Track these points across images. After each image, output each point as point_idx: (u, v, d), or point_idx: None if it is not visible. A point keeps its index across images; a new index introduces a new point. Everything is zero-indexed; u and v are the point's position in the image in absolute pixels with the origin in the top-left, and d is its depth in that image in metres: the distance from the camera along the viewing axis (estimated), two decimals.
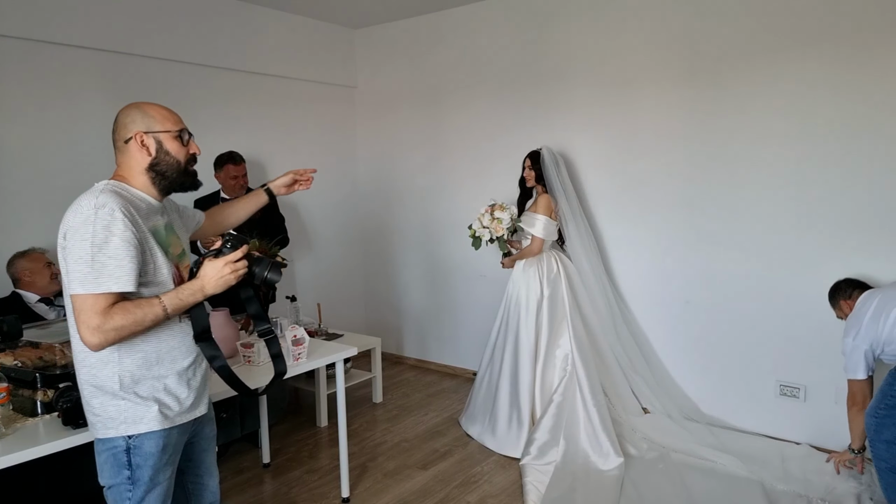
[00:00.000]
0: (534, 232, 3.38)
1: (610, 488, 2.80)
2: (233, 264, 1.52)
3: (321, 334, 3.77)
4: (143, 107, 1.56)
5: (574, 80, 3.76)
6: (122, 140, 1.54)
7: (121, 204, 1.42)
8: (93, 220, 1.38)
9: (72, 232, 1.40)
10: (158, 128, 1.55)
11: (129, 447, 1.51)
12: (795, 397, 3.16)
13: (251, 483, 3.00)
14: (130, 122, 1.54)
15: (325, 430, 3.63)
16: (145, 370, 1.51)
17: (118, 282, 1.40)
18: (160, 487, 1.57)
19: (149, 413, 1.51)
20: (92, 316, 1.38)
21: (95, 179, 1.54)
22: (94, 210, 1.39)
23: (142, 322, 1.43)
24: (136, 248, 1.42)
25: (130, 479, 1.52)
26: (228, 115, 4.00)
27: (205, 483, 1.76)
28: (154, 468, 1.53)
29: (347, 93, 4.90)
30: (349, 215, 5.00)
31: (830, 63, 2.93)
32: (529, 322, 3.35)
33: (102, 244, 1.38)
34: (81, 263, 1.38)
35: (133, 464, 1.51)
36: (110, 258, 1.39)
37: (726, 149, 3.27)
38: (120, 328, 1.40)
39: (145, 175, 1.55)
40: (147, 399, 1.51)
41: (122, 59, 3.50)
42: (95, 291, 1.38)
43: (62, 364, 1.97)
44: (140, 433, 1.50)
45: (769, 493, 2.73)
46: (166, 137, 1.56)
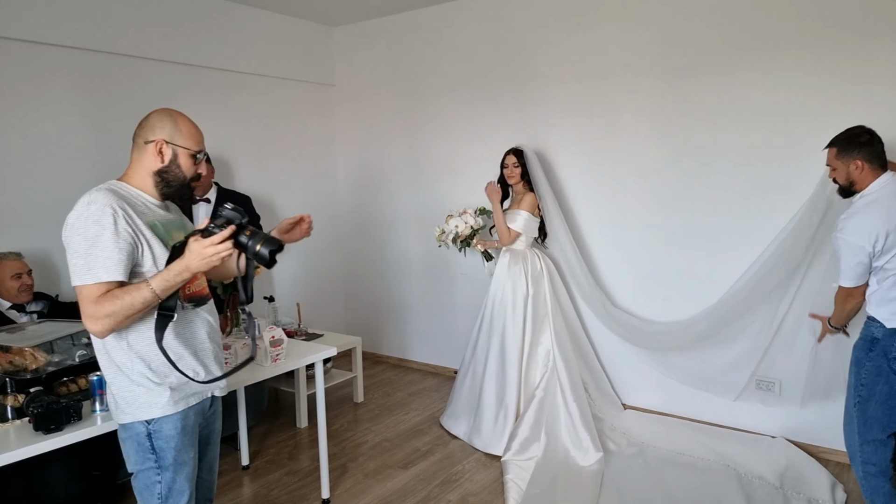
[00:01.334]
0: (513, 226, 3.40)
1: (590, 484, 2.83)
2: (216, 245, 1.47)
3: (301, 334, 3.74)
4: (175, 117, 1.64)
5: (550, 77, 3.78)
6: (143, 139, 1.61)
7: (112, 199, 1.50)
8: (85, 216, 1.47)
9: (68, 228, 1.50)
10: (180, 142, 1.62)
11: (150, 432, 1.59)
12: (771, 391, 3.22)
13: (230, 486, 2.97)
14: (159, 128, 1.61)
15: (305, 430, 3.60)
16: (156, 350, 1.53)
17: (108, 271, 1.47)
18: (187, 467, 1.65)
19: (162, 397, 1.58)
20: (87, 305, 1.47)
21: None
22: (86, 206, 1.48)
23: (132, 306, 1.47)
24: (126, 242, 1.49)
25: (157, 464, 1.60)
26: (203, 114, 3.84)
27: (203, 477, 1.80)
28: (177, 449, 1.61)
29: (325, 91, 4.87)
30: (328, 214, 4.96)
31: (806, 61, 2.98)
32: (517, 320, 3.36)
33: (94, 238, 1.46)
34: (77, 257, 1.47)
35: (156, 448, 1.60)
36: (101, 250, 1.46)
37: (702, 147, 3.30)
38: (112, 314, 1.46)
39: (151, 177, 1.62)
40: (161, 382, 1.58)
41: (95, 56, 3.42)
42: (88, 282, 1.46)
43: (33, 368, 1.93)
44: (156, 417, 1.58)
45: (745, 487, 2.77)
46: (183, 153, 1.63)
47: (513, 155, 3.48)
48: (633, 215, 3.58)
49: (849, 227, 2.26)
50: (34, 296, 2.92)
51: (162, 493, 1.61)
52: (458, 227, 3.58)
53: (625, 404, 3.67)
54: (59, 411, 1.75)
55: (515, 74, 3.92)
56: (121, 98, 3.53)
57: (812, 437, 3.12)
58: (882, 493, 2.38)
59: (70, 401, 1.77)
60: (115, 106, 3.50)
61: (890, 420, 2.35)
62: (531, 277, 3.41)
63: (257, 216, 3.80)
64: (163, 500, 1.61)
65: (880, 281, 2.30)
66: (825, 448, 3.08)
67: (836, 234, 2.30)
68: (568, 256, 3.55)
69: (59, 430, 1.75)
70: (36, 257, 3.04)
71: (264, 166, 4.40)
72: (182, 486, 1.63)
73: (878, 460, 2.37)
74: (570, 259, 3.55)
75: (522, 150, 3.49)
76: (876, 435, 2.36)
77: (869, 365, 2.36)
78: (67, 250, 1.50)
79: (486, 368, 3.41)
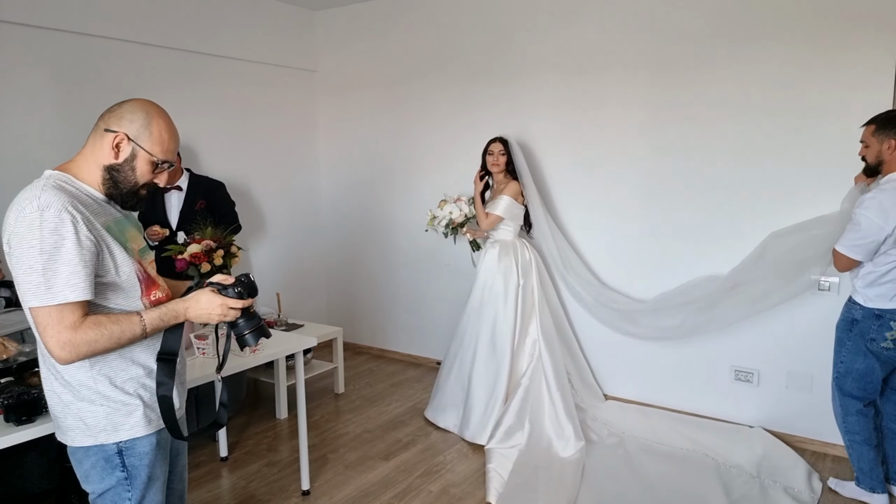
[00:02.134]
0: (496, 211, 3.39)
1: (571, 474, 2.84)
2: (227, 309, 1.45)
3: (281, 324, 3.70)
4: (151, 115, 1.43)
5: (536, 66, 3.76)
6: (105, 126, 1.41)
7: (67, 202, 1.30)
8: (39, 225, 1.25)
9: (17, 239, 1.27)
10: (145, 144, 1.41)
11: (121, 450, 1.43)
12: (749, 382, 3.26)
13: (208, 477, 2.92)
14: (127, 121, 1.40)
15: (285, 422, 3.56)
16: (123, 364, 1.43)
17: (74, 290, 1.28)
18: (158, 482, 1.51)
19: (134, 415, 1.43)
20: (61, 331, 1.28)
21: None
22: (39, 213, 1.26)
23: (118, 339, 1.34)
24: (90, 252, 1.31)
25: (127, 480, 1.45)
26: (179, 98, 3.84)
27: (173, 487, 1.67)
28: (150, 466, 1.47)
29: (307, 76, 4.79)
30: (309, 202, 4.90)
31: (794, 51, 3.00)
32: (508, 310, 3.35)
33: (52, 250, 1.26)
34: (32, 273, 1.26)
35: (128, 465, 1.44)
36: (63, 265, 1.27)
37: (686, 137, 3.32)
38: (93, 342, 1.30)
39: (99, 171, 1.41)
40: (130, 397, 1.43)
41: (67, 38, 3.31)
42: (52, 303, 1.27)
43: (3, 358, 1.87)
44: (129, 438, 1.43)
45: (723, 475, 2.81)
46: (143, 156, 1.42)
47: (499, 142, 3.46)
48: (616, 206, 3.59)
49: (874, 205, 2.33)
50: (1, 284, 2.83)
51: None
52: (453, 213, 3.54)
53: (606, 395, 3.69)
54: (30, 402, 1.69)
55: (502, 62, 3.89)
56: (94, 81, 3.43)
57: (789, 426, 3.17)
58: (868, 459, 2.58)
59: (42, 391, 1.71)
60: (87, 89, 3.40)
61: (865, 393, 2.54)
62: (521, 268, 3.40)
63: (232, 203, 3.73)
64: None
65: (877, 265, 2.40)
66: (802, 437, 3.14)
67: (860, 209, 2.36)
68: (550, 246, 3.55)
69: (31, 421, 1.70)
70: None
71: (241, 153, 4.32)
72: (152, 499, 1.50)
73: (861, 429, 2.57)
74: (552, 249, 3.55)
75: (507, 140, 3.47)
76: (855, 406, 2.57)
77: (849, 344, 2.53)
78: (16, 264, 1.28)
79: (474, 359, 3.39)
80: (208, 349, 2.36)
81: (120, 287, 1.41)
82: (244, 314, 1.51)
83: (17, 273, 1.29)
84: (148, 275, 1.49)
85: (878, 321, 2.42)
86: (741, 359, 3.28)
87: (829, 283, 2.98)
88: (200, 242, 2.95)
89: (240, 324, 1.52)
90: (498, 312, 3.36)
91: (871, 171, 2.48)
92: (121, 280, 1.40)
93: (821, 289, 3.00)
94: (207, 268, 2.89)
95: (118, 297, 1.41)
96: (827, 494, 2.69)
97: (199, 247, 2.93)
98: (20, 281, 1.29)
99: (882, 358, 2.46)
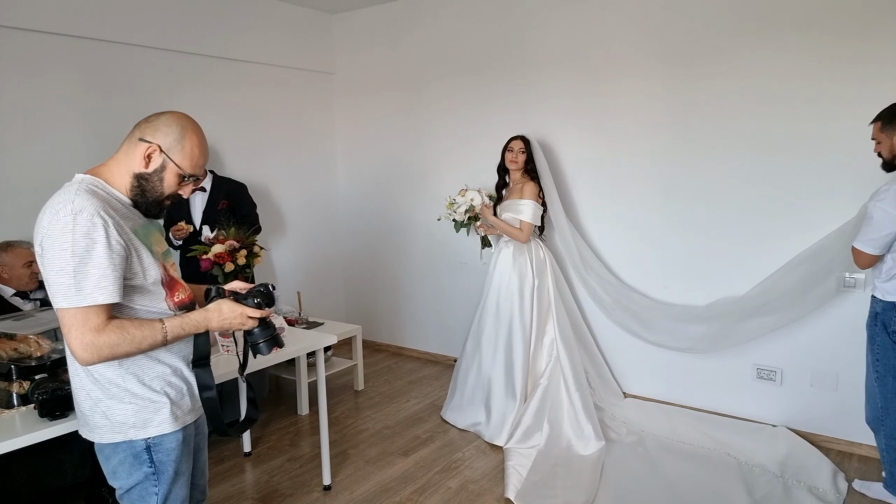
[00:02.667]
0: (523, 217, 3.36)
1: (590, 472, 2.84)
2: (245, 318, 1.51)
3: (301, 322, 3.75)
4: (186, 130, 1.47)
5: (552, 65, 3.75)
6: (140, 135, 1.46)
7: (99, 206, 1.34)
8: (71, 228, 1.29)
9: (49, 241, 1.31)
10: (176, 157, 1.46)
11: (149, 446, 1.47)
12: (772, 380, 3.23)
13: (232, 472, 2.98)
14: (162, 133, 1.45)
15: (306, 418, 3.61)
16: (149, 363, 1.47)
17: (104, 293, 1.32)
18: (184, 476, 1.55)
19: (162, 412, 1.47)
20: (85, 332, 1.32)
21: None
22: (73, 216, 1.30)
23: (139, 344, 1.38)
24: (119, 256, 1.35)
25: (155, 475, 1.49)
26: (200, 101, 3.91)
27: (195, 482, 1.71)
28: (177, 461, 1.51)
29: (325, 79, 4.83)
30: (328, 202, 4.95)
31: (810, 48, 2.96)
32: (525, 311, 3.35)
33: (84, 254, 1.30)
34: (63, 275, 1.30)
35: (156, 461, 1.48)
36: (94, 268, 1.31)
37: (703, 135, 3.29)
38: (115, 346, 1.34)
39: (129, 178, 1.46)
40: (158, 395, 1.47)
41: (92, 45, 3.39)
42: (81, 304, 1.31)
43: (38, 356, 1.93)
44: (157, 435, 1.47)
45: (746, 475, 2.79)
46: (172, 169, 1.46)
47: (520, 140, 3.44)
48: (633, 203, 3.57)
49: (889, 196, 2.29)
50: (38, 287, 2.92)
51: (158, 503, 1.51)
52: (475, 200, 3.41)
53: (625, 393, 3.68)
54: (63, 398, 1.75)
55: (518, 61, 3.90)
56: (118, 86, 3.51)
57: (813, 425, 3.13)
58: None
59: None
60: (112, 94, 3.48)
61: None
62: (536, 268, 3.40)
63: (253, 204, 3.79)
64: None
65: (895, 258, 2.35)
66: (827, 437, 3.10)
67: (875, 202, 2.33)
68: (570, 247, 3.55)
69: (64, 416, 1.75)
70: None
71: (262, 155, 4.39)
72: (177, 494, 1.54)
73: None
74: (572, 249, 3.54)
75: (528, 139, 3.46)
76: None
77: (878, 341, 2.47)
78: (48, 265, 1.31)
79: (494, 360, 3.38)
80: (232, 347, 2.41)
81: (146, 290, 1.46)
82: (260, 323, 1.56)
83: (48, 274, 1.33)
84: (171, 277, 1.54)
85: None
86: (764, 357, 3.24)
87: (856, 280, 2.94)
88: (224, 242, 3.01)
89: (255, 332, 1.57)
90: (514, 313, 3.35)
91: (889, 165, 2.43)
92: (147, 283, 1.45)
93: (846, 286, 2.96)
94: (231, 267, 2.94)
95: (144, 299, 1.46)
96: (853, 495, 2.66)
97: (223, 247, 2.98)
98: (51, 282, 1.33)
99: None
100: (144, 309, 1.46)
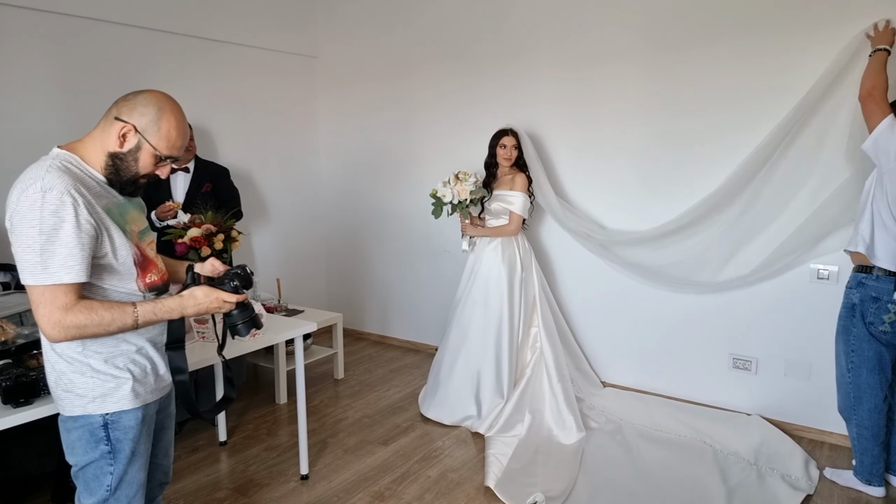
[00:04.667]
0: (513, 209, 3.32)
1: (570, 460, 2.85)
2: (222, 302, 1.51)
3: (281, 310, 3.69)
4: (164, 111, 1.44)
5: (538, 54, 3.73)
6: (117, 114, 1.43)
7: (70, 184, 1.32)
8: (40, 206, 1.28)
9: (18, 217, 1.30)
10: (151, 139, 1.43)
11: (107, 422, 1.46)
12: (748, 370, 3.27)
13: (207, 461, 2.94)
14: (139, 113, 1.42)
15: (285, 406, 3.58)
16: (114, 340, 1.46)
17: (69, 272, 1.31)
18: (141, 458, 1.54)
19: (123, 388, 1.46)
20: (53, 311, 1.31)
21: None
22: (42, 194, 1.28)
23: (107, 326, 1.37)
24: (88, 235, 1.33)
25: (111, 454, 1.47)
26: (177, 83, 3.81)
27: (158, 462, 1.70)
28: (135, 441, 1.50)
29: (308, 62, 4.75)
30: (310, 188, 4.88)
31: (794, 40, 2.97)
32: (515, 303, 3.32)
33: (51, 231, 1.29)
34: (30, 252, 1.29)
35: (112, 439, 1.47)
36: (61, 246, 1.30)
37: (687, 126, 3.29)
38: (82, 326, 1.34)
39: (104, 156, 1.43)
40: (121, 371, 1.46)
41: (69, 21, 3.29)
42: (46, 282, 1.30)
43: (2, 341, 1.87)
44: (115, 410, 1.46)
45: (720, 462, 2.82)
46: (147, 149, 1.44)
47: (511, 136, 3.38)
48: (615, 193, 3.57)
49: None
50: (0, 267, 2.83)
51: (112, 484, 1.48)
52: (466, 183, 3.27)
53: (604, 382, 3.70)
54: (28, 384, 1.69)
55: (505, 48, 3.86)
56: (95, 64, 3.41)
57: (786, 414, 3.18)
58: (872, 454, 2.56)
59: (40, 374, 1.71)
60: (89, 72, 3.38)
61: (882, 385, 2.50)
62: (523, 259, 3.39)
63: (235, 190, 3.73)
64: (111, 492, 1.49)
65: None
66: (799, 425, 3.14)
67: None
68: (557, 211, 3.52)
69: (29, 403, 1.70)
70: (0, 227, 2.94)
71: (243, 139, 4.31)
72: (133, 477, 1.51)
73: (872, 424, 2.53)
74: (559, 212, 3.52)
75: (518, 132, 3.42)
76: (871, 400, 2.51)
77: (855, 332, 2.49)
78: (16, 241, 1.31)
79: (483, 355, 3.30)
80: (208, 333, 2.36)
81: (115, 270, 1.44)
82: (238, 305, 1.55)
83: (16, 250, 1.32)
84: (145, 257, 1.51)
85: (875, 304, 2.43)
86: (740, 347, 3.28)
87: (829, 272, 2.97)
88: (201, 226, 2.94)
89: (233, 314, 1.56)
90: (504, 305, 3.29)
91: None
92: (117, 263, 1.43)
93: (820, 278, 3.00)
94: (208, 251, 2.88)
95: (113, 278, 1.45)
96: (824, 482, 2.70)
97: (200, 231, 2.92)
98: (19, 258, 1.32)
99: (883, 341, 2.46)
100: (113, 289, 1.45)
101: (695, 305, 3.38)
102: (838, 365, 2.62)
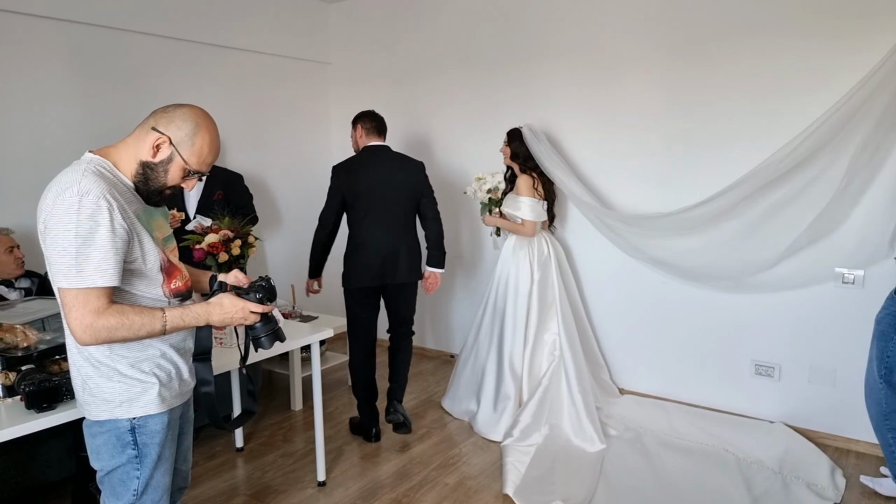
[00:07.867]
0: (521, 215, 3.31)
1: (589, 468, 2.81)
2: (247, 313, 1.51)
3: (295, 316, 3.69)
4: (200, 128, 1.47)
5: (554, 57, 3.71)
6: (154, 124, 1.45)
7: (105, 189, 1.33)
8: (77, 209, 1.29)
9: (54, 220, 1.30)
10: (184, 153, 1.46)
11: (134, 427, 1.46)
12: (770, 376, 3.21)
13: (224, 467, 2.93)
14: (175, 126, 1.45)
15: (300, 413, 3.56)
16: (139, 346, 1.46)
17: (103, 275, 1.32)
18: (167, 462, 1.55)
19: (149, 392, 1.46)
20: (85, 314, 1.32)
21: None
22: (79, 198, 1.29)
23: (137, 330, 1.38)
24: (122, 240, 1.35)
25: (138, 458, 1.48)
26: (192, 90, 3.83)
27: (177, 467, 1.70)
28: (161, 444, 1.51)
29: (321, 69, 4.76)
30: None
31: (811, 40, 2.93)
32: (520, 306, 3.30)
33: (87, 236, 1.30)
34: (65, 255, 1.30)
35: (139, 443, 1.47)
36: (96, 250, 1.31)
37: (706, 127, 3.26)
38: (113, 329, 1.34)
39: (135, 164, 1.45)
40: (147, 376, 1.47)
41: (85, 30, 3.31)
42: (80, 286, 1.31)
43: (24, 346, 1.87)
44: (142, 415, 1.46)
45: (744, 471, 2.77)
46: (178, 163, 1.46)
47: (506, 136, 3.42)
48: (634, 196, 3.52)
49: None
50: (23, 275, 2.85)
51: (138, 488, 1.49)
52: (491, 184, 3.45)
53: (622, 389, 3.66)
54: (51, 389, 1.69)
55: (517, 51, 3.85)
56: (111, 72, 3.43)
57: (811, 422, 3.12)
58: None
59: (62, 379, 1.71)
60: (105, 80, 3.41)
61: None
62: (537, 262, 3.35)
63: (249, 195, 3.73)
64: (138, 496, 1.49)
65: None
66: (825, 433, 3.08)
67: None
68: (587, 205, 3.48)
69: (52, 408, 1.70)
70: (22, 233, 2.95)
71: (257, 144, 4.32)
72: (159, 481, 1.52)
73: None
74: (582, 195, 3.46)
75: (517, 131, 3.39)
76: None
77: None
78: (50, 244, 1.31)
79: (488, 354, 3.37)
80: (226, 340, 2.35)
81: (144, 275, 1.45)
82: (262, 318, 1.55)
83: (49, 253, 1.33)
84: (170, 263, 1.53)
85: None
86: (762, 353, 3.22)
87: (854, 277, 2.92)
88: (218, 232, 2.94)
89: (257, 327, 1.56)
90: (508, 306, 3.32)
91: None
92: (146, 268, 1.45)
93: (845, 282, 2.95)
94: (225, 258, 2.88)
95: (142, 283, 1.46)
96: (851, 491, 2.64)
97: (217, 236, 2.92)
98: (52, 261, 1.33)
99: None
100: (141, 294, 1.46)
101: (715, 310, 3.33)
102: (869, 370, 2.56)
